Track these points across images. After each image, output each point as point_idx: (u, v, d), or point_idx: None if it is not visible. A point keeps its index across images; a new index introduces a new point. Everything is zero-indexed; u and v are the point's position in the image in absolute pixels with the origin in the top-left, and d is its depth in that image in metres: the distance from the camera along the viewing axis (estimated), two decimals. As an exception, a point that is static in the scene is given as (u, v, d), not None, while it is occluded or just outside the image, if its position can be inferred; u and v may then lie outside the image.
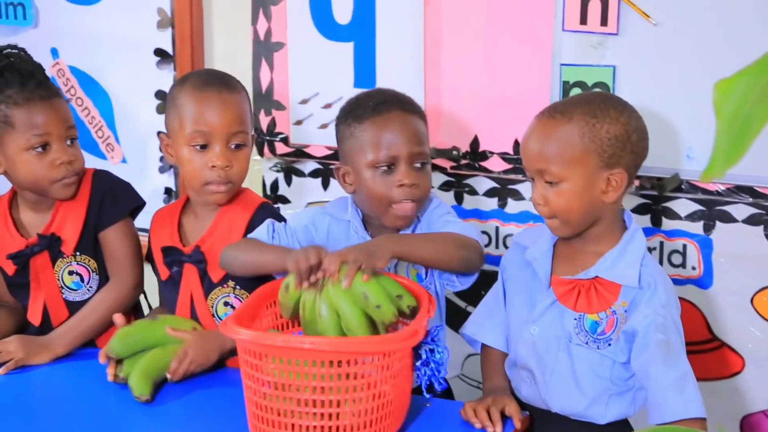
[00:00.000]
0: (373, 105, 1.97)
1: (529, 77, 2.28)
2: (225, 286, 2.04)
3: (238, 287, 2.03)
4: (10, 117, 2.03)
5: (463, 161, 2.42)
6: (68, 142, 2.08)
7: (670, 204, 2.24)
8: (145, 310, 2.28)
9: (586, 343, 1.81)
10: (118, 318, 1.97)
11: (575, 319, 1.82)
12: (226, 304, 2.04)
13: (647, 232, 2.26)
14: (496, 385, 1.91)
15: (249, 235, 1.99)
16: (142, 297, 2.24)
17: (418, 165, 1.95)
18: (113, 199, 2.13)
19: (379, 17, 2.42)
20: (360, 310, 1.69)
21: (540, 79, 2.26)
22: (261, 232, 1.98)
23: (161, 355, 1.90)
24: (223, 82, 2.04)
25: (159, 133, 2.11)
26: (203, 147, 2.00)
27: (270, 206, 2.12)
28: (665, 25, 2.14)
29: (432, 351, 1.73)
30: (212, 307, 2.05)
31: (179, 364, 1.90)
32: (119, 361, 1.92)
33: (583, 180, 1.77)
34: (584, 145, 1.76)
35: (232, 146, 2.01)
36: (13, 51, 2.11)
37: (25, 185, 2.10)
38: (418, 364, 1.73)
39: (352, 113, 1.99)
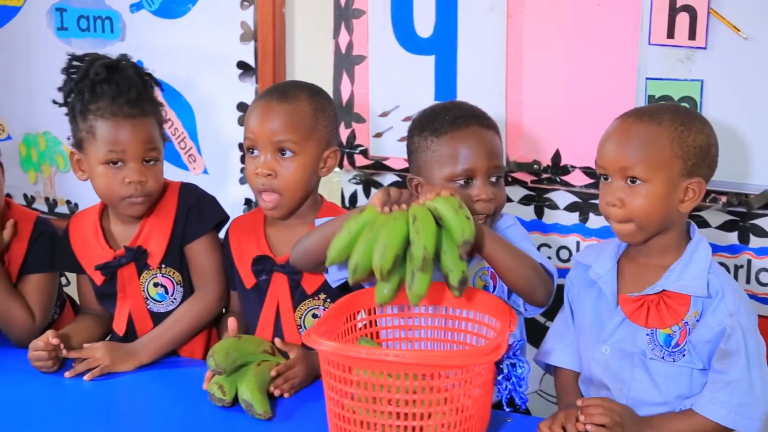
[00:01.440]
0: (451, 119, 1.96)
1: (613, 91, 2.26)
2: (316, 298, 2.05)
3: (328, 300, 2.04)
4: (94, 128, 2.07)
5: (544, 175, 2.40)
6: (145, 162, 2.10)
7: (758, 221, 2.20)
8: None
9: (662, 357, 1.79)
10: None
11: (647, 334, 1.81)
12: (314, 316, 2.05)
13: (735, 249, 2.22)
14: (571, 403, 1.89)
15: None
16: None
17: (494, 179, 1.95)
18: (199, 213, 2.16)
19: (461, 31, 2.43)
20: (432, 219, 1.68)
21: (624, 93, 2.24)
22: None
23: (263, 372, 1.91)
24: (278, 91, 2.05)
25: None
26: (252, 153, 2.02)
27: None
28: (756, 39, 2.10)
29: (513, 365, 1.71)
30: (300, 318, 2.06)
31: (285, 379, 1.92)
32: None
33: (666, 185, 1.76)
34: (672, 150, 1.75)
35: (279, 155, 2.00)
36: (124, 64, 2.14)
37: (99, 196, 2.15)
38: (499, 378, 1.71)
39: (429, 126, 1.98)
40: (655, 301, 1.80)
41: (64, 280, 2.36)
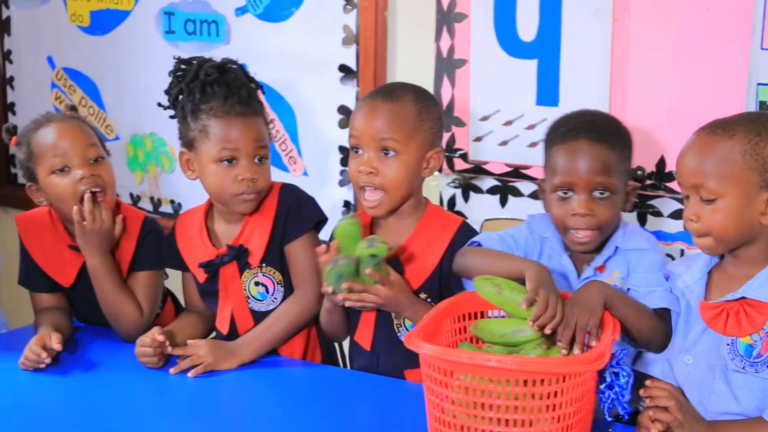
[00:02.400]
0: (563, 131, 1.98)
1: (722, 97, 2.21)
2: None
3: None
4: (207, 127, 2.12)
5: (648, 181, 2.36)
6: (256, 161, 2.14)
7: None
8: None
9: (743, 368, 1.75)
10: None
11: (728, 344, 1.77)
12: None
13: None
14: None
15: (475, 240, 2.02)
16: None
17: (599, 194, 1.92)
18: (298, 213, 2.18)
19: (565, 34, 2.40)
20: None
21: (734, 98, 2.19)
22: (492, 238, 2.01)
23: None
24: (384, 91, 2.09)
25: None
26: (357, 152, 2.05)
27: (469, 226, 2.11)
28: None
29: (616, 375, 1.69)
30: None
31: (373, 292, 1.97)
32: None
33: (742, 198, 1.72)
34: (745, 163, 1.71)
35: (382, 153, 2.02)
36: (232, 66, 2.19)
37: (210, 194, 2.19)
38: (602, 387, 1.69)
39: (549, 135, 2.02)
40: (734, 308, 1.77)
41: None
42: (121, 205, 2.33)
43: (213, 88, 2.13)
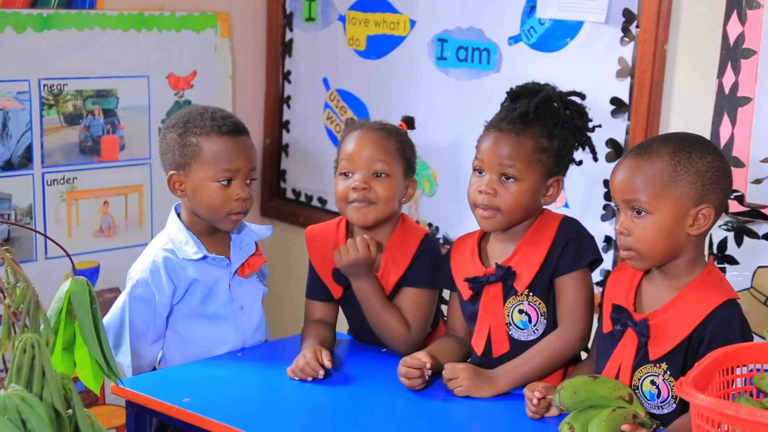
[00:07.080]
0: None
1: None
2: (658, 366, 1.94)
3: (668, 373, 1.93)
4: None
5: None
6: (503, 178, 2.14)
7: None
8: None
9: None
10: None
11: None
12: (652, 383, 1.95)
13: None
14: None
15: None
16: None
17: None
18: (576, 247, 2.14)
19: None
20: None
21: None
22: None
23: (617, 419, 1.85)
24: (639, 147, 2.01)
25: None
26: (615, 207, 2.00)
27: (736, 305, 1.94)
28: None
29: None
30: (639, 380, 1.97)
31: None
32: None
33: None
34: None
35: (633, 213, 1.94)
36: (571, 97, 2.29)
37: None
38: None
39: None
40: None
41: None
42: (405, 219, 2.39)
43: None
